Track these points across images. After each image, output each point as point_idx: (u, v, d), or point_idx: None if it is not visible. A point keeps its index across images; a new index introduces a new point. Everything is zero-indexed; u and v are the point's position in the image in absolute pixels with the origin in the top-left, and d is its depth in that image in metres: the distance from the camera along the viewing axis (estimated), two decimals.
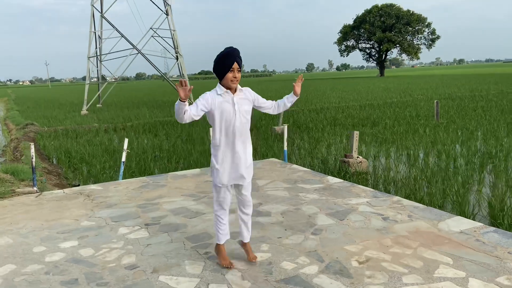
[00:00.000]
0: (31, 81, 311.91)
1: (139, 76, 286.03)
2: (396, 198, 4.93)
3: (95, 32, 27.00)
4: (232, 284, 3.06)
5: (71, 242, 3.99)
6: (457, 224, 4.01)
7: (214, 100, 3.09)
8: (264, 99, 3.42)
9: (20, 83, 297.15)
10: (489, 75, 57.25)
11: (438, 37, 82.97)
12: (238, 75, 3.08)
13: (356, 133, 8.16)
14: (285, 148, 7.68)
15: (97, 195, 5.63)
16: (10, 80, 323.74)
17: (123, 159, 6.76)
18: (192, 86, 2.88)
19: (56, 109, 26.93)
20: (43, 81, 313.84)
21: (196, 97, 28.28)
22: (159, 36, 27.48)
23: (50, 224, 4.53)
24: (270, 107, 3.46)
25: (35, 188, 6.02)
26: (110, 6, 26.99)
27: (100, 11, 27.05)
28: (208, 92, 3.11)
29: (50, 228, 4.41)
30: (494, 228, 3.85)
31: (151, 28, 26.12)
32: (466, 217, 4.93)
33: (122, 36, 25.58)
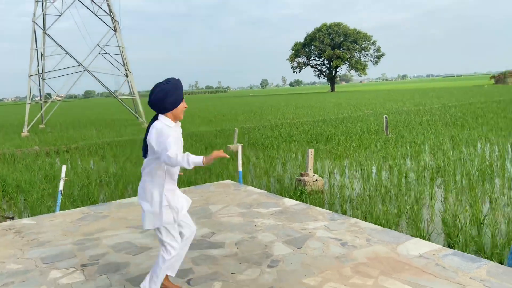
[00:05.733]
0: None
1: (88, 94, 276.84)
2: (354, 220, 4.77)
3: (36, 49, 25.62)
4: None
5: None
6: (415, 247, 3.88)
7: (171, 131, 2.86)
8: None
9: None
10: (431, 89, 60.63)
11: (383, 54, 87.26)
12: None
13: (311, 151, 8.05)
14: (240, 169, 7.39)
15: (28, 231, 5.02)
16: None
17: (61, 187, 6.17)
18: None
19: None
20: None
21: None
22: (107, 53, 26.57)
23: None
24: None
25: None
26: (53, 22, 25.80)
27: (42, 27, 25.76)
28: (162, 127, 2.82)
29: None
30: (453, 251, 3.75)
31: (97, 44, 25.17)
32: (423, 238, 4.88)
33: (67, 53, 24.44)
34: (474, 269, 3.35)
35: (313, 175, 7.93)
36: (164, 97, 2.82)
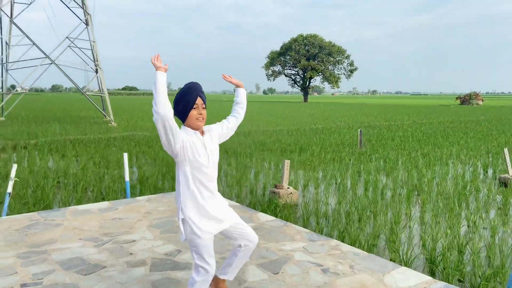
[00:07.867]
0: None
1: (55, 88, 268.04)
2: (334, 242, 4.40)
3: (1, 38, 24.20)
4: None
5: None
6: (404, 277, 3.54)
7: (185, 135, 2.58)
8: (225, 120, 2.96)
9: None
10: (400, 106, 62.13)
11: (356, 69, 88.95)
12: (204, 112, 2.67)
13: (287, 162, 7.67)
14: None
15: None
16: None
17: (9, 189, 5.48)
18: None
19: None
20: None
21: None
22: (77, 47, 25.42)
23: None
24: (234, 121, 2.98)
25: None
26: (22, 11, 24.46)
27: (9, 15, 24.38)
28: None
29: None
30: (443, 284, 3.42)
31: (67, 37, 24.05)
32: (405, 263, 4.56)
33: (33, 43, 23.19)
34: None
35: (288, 188, 7.55)
36: (175, 107, 2.57)
